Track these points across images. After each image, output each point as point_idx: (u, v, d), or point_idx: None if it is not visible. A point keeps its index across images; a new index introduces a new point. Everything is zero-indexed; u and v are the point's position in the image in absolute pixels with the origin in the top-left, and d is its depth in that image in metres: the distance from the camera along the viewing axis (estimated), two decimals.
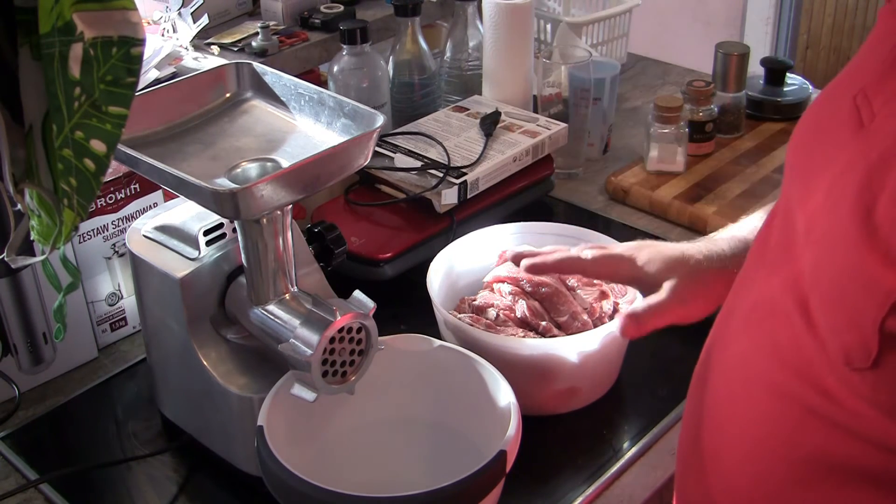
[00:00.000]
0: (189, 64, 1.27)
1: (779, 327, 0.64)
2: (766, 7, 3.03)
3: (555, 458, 0.98)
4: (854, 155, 0.58)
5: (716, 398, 0.73)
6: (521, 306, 1.02)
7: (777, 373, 0.64)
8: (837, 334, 0.58)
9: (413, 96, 1.44)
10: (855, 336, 0.56)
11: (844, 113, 0.61)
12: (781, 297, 0.64)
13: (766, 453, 0.66)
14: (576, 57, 1.42)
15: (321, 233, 1.04)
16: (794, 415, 0.63)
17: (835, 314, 0.58)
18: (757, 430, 0.67)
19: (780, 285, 0.65)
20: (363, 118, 0.87)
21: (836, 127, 0.63)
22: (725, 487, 0.70)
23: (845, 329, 0.57)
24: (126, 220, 1.09)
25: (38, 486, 0.95)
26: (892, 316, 0.54)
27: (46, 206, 0.69)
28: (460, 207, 1.25)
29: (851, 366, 0.57)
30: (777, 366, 0.64)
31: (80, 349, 1.10)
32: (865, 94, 0.60)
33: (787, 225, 0.67)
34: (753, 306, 0.69)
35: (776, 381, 0.64)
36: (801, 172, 0.67)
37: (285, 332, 0.84)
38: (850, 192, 0.57)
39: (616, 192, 1.40)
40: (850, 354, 0.57)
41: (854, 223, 0.56)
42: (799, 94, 1.59)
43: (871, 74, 0.62)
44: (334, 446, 0.92)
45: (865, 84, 0.61)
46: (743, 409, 0.68)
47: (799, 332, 0.62)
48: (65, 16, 0.62)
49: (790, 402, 0.63)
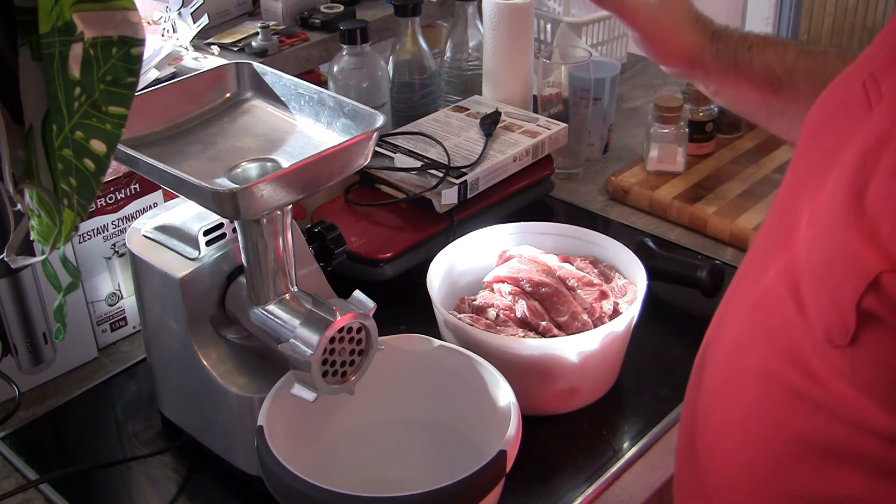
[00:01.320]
0: (189, 64, 1.27)
1: (772, 312, 0.65)
2: (766, 7, 3.03)
3: (555, 458, 0.98)
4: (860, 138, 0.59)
5: (710, 387, 0.73)
6: (521, 306, 1.02)
7: (767, 357, 0.65)
8: (820, 313, 0.59)
9: (413, 96, 1.44)
10: (835, 313, 0.57)
11: (854, 97, 0.62)
12: (776, 281, 0.65)
13: (753, 438, 0.67)
14: (576, 57, 1.42)
15: (321, 233, 1.04)
16: (780, 398, 0.64)
17: (820, 293, 0.59)
18: (745, 414, 0.68)
19: (776, 269, 0.65)
20: (363, 118, 0.87)
21: (846, 111, 0.63)
22: (716, 473, 0.71)
23: (827, 307, 0.58)
24: (126, 220, 1.09)
25: (38, 486, 0.95)
26: (869, 294, 0.55)
27: (46, 206, 0.69)
28: (460, 207, 1.25)
29: (832, 343, 0.58)
30: (767, 350, 0.65)
31: (80, 349, 1.10)
32: (875, 77, 0.61)
33: (788, 211, 0.67)
34: (748, 292, 0.70)
35: (766, 366, 0.65)
36: (810, 159, 0.67)
37: (285, 332, 0.84)
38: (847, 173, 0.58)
39: (616, 192, 1.40)
40: (830, 332, 0.58)
41: (846, 203, 0.57)
42: None
43: (882, 59, 0.62)
44: (334, 446, 0.92)
45: (875, 68, 0.62)
46: (734, 396, 0.69)
47: (790, 315, 0.63)
48: (65, 16, 0.62)
49: (777, 386, 0.64)
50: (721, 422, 0.71)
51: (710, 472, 0.73)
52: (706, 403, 0.74)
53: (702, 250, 1.28)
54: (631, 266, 1.07)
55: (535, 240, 1.12)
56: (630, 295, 1.05)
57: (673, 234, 1.33)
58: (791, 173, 0.71)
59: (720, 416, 0.71)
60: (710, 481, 0.73)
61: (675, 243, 1.30)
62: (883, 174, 0.55)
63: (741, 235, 1.28)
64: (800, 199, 0.65)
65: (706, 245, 1.30)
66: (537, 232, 1.13)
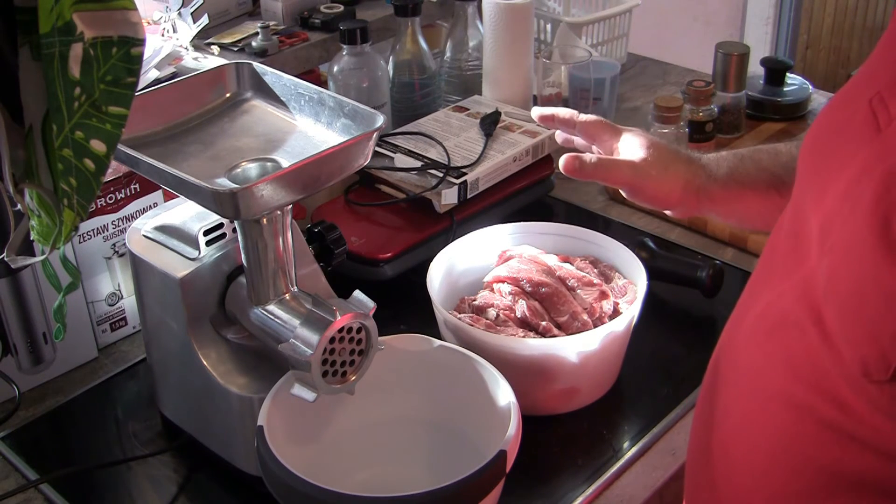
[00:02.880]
0: (189, 64, 1.27)
1: (791, 338, 0.63)
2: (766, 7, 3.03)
3: (555, 458, 0.98)
4: (870, 160, 0.58)
5: (726, 411, 0.71)
6: (521, 306, 1.02)
7: (791, 385, 0.63)
8: (855, 346, 0.57)
9: (413, 96, 1.45)
10: (874, 348, 0.56)
11: (860, 116, 0.61)
12: (793, 306, 0.63)
13: (780, 467, 0.65)
14: (576, 57, 1.42)
15: (321, 233, 1.04)
16: (808, 428, 0.62)
17: (853, 326, 0.57)
18: (770, 443, 0.65)
19: (792, 293, 0.64)
20: (363, 118, 0.87)
21: (852, 130, 0.62)
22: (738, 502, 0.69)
23: (864, 341, 0.56)
24: (126, 220, 1.09)
25: (38, 486, 0.95)
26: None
27: (46, 206, 0.69)
28: (460, 207, 1.25)
29: (870, 378, 0.56)
30: (791, 378, 0.63)
31: (80, 349, 1.10)
32: (882, 97, 0.60)
33: (798, 230, 0.66)
34: (763, 314, 0.68)
35: (790, 394, 0.63)
36: (814, 176, 0.66)
37: (285, 332, 0.84)
38: (867, 199, 0.56)
39: (616, 192, 1.40)
40: (868, 366, 0.56)
41: (872, 232, 0.55)
42: (799, 94, 1.59)
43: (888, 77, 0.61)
44: (334, 446, 0.92)
45: (881, 87, 0.61)
46: (755, 422, 0.67)
47: (813, 344, 0.61)
48: (65, 16, 0.62)
49: (804, 415, 0.62)
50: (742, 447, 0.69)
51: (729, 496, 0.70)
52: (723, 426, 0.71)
53: (702, 250, 1.28)
54: (631, 266, 1.07)
55: (535, 240, 1.12)
56: (630, 295, 1.05)
57: (673, 234, 1.33)
58: (797, 193, 0.70)
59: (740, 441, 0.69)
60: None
61: (675, 243, 1.30)
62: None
63: (741, 235, 1.28)
64: (808, 218, 0.64)
65: (706, 245, 1.30)
66: (537, 232, 1.13)
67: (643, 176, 0.91)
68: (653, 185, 0.92)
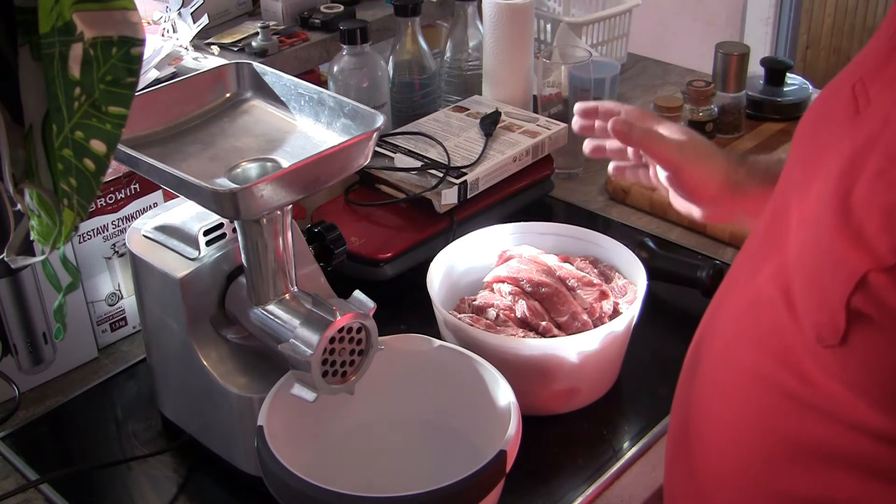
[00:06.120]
0: (189, 64, 1.28)
1: (763, 314, 0.66)
2: (766, 7, 3.03)
3: (555, 458, 0.98)
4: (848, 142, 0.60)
5: (701, 389, 0.74)
6: (521, 306, 1.02)
7: (759, 359, 0.66)
8: (810, 313, 0.60)
9: (413, 96, 1.44)
10: (825, 314, 0.58)
11: (843, 102, 0.63)
12: (768, 284, 0.65)
13: (745, 438, 0.67)
14: (576, 57, 1.42)
15: (321, 233, 1.04)
16: (772, 400, 0.65)
17: (809, 292, 0.60)
18: (738, 415, 0.68)
19: (769, 274, 0.66)
20: (363, 118, 0.87)
21: (835, 116, 0.64)
22: (709, 473, 0.72)
23: (817, 308, 0.59)
24: (126, 220, 1.09)
25: (38, 486, 0.95)
26: (857, 293, 0.55)
27: (46, 206, 0.69)
28: (460, 207, 1.25)
29: (822, 343, 0.59)
30: (759, 352, 0.66)
31: (80, 349, 1.10)
32: (863, 82, 0.62)
33: (779, 214, 0.68)
34: (741, 295, 0.70)
35: (758, 367, 0.66)
36: (801, 162, 0.68)
37: (285, 332, 0.84)
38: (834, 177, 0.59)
39: (616, 192, 1.40)
40: (821, 332, 0.59)
41: (833, 206, 0.57)
42: (799, 94, 1.59)
43: (871, 63, 0.63)
44: (334, 446, 0.92)
45: (864, 73, 0.63)
46: (726, 397, 0.70)
47: (781, 317, 0.63)
48: (65, 16, 0.62)
49: (770, 388, 0.65)
50: (713, 423, 0.71)
51: (702, 472, 0.73)
52: (698, 405, 0.74)
53: (702, 250, 1.28)
54: (631, 266, 1.07)
55: (535, 240, 1.12)
56: (630, 295, 1.05)
57: (673, 234, 1.33)
58: (783, 177, 0.72)
59: (713, 417, 0.72)
60: (702, 482, 0.73)
61: (675, 243, 1.30)
62: (868, 175, 0.56)
63: (741, 235, 1.28)
64: (790, 203, 0.66)
65: (706, 245, 1.30)
66: (537, 232, 1.13)
67: (689, 158, 0.90)
68: (696, 170, 0.91)
